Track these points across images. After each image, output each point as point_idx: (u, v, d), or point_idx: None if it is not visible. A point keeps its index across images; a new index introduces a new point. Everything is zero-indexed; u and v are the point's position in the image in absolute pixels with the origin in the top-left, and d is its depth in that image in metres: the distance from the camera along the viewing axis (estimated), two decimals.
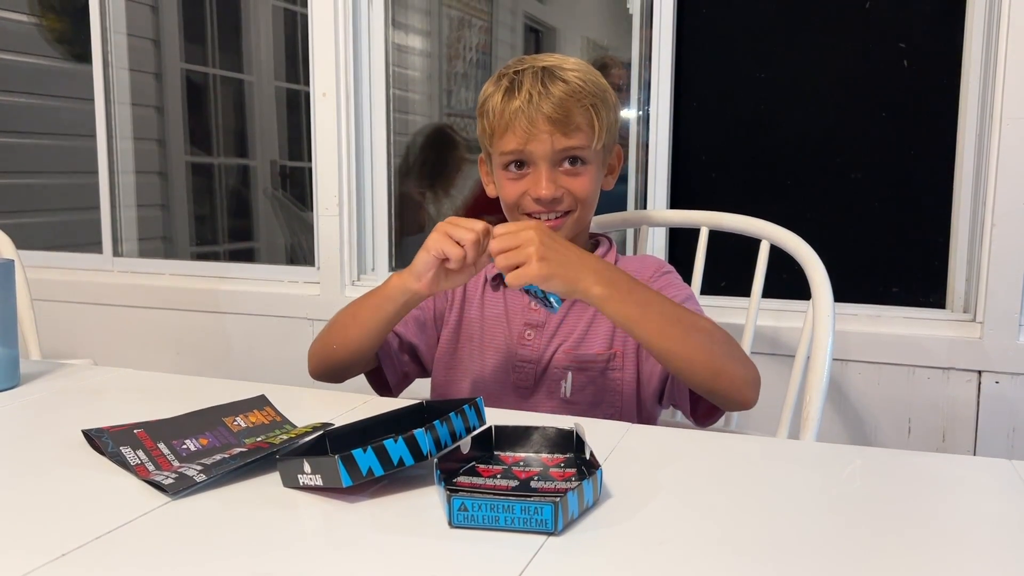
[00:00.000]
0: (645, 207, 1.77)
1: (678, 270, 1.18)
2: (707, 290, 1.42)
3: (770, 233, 1.31)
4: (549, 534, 0.61)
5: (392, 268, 2.00)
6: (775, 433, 1.22)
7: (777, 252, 1.30)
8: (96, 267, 2.24)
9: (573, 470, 0.73)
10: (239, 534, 0.62)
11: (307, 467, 0.68)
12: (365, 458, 0.66)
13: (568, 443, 0.76)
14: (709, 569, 0.57)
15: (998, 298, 1.51)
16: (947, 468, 0.79)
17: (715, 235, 1.38)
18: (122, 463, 0.74)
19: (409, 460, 0.67)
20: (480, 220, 0.96)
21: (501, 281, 1.15)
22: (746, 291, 1.34)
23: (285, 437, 0.79)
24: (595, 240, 1.21)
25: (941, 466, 0.80)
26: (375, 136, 1.97)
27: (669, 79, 1.72)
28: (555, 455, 0.76)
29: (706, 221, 1.39)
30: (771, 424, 1.25)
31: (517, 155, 1.09)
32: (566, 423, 0.78)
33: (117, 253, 2.26)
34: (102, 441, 0.77)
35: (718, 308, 1.63)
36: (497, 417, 0.81)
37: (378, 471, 0.66)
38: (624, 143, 1.77)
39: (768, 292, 1.35)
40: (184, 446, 0.78)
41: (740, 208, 1.38)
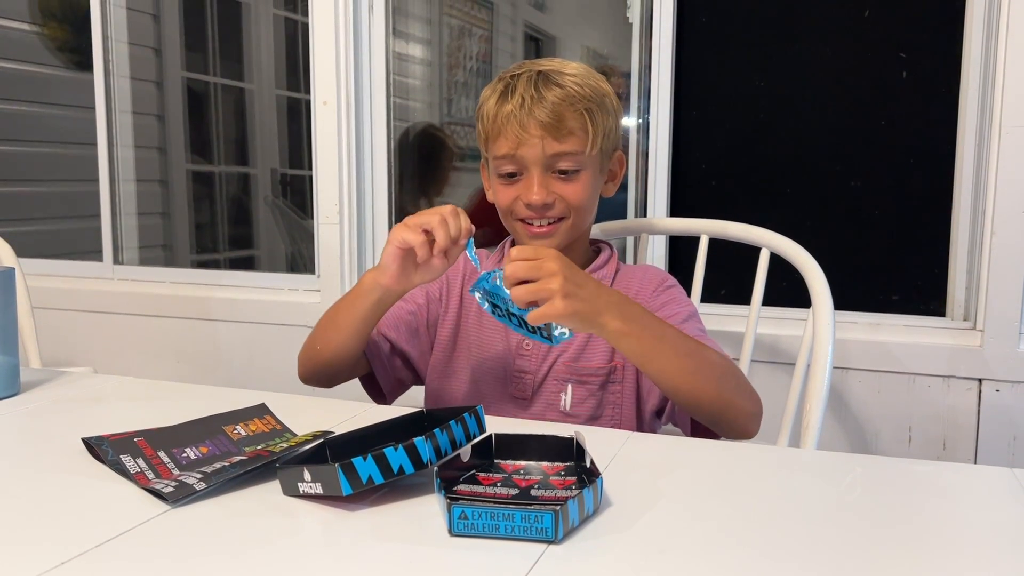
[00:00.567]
0: (645, 215, 1.78)
1: (678, 278, 1.17)
2: (707, 298, 1.42)
3: (770, 241, 1.31)
4: (549, 542, 0.61)
5: None
6: (775, 441, 1.21)
7: (777, 260, 1.30)
8: (96, 275, 2.24)
9: (573, 478, 0.73)
10: (239, 543, 0.62)
11: (307, 475, 0.68)
12: (365, 466, 0.66)
13: (568, 451, 0.76)
14: None
15: (998, 306, 1.51)
16: (948, 476, 0.79)
17: (715, 243, 1.38)
18: (122, 471, 0.74)
19: (409, 468, 0.67)
20: (448, 204, 0.94)
21: None
22: (746, 299, 1.34)
23: (285, 445, 0.79)
24: (596, 247, 1.21)
25: (942, 474, 0.80)
26: (375, 144, 1.97)
27: (669, 87, 1.73)
28: (555, 463, 0.76)
29: (706, 229, 1.39)
30: (771, 432, 1.24)
31: (509, 159, 1.08)
32: (566, 431, 0.78)
33: (117, 261, 2.26)
34: (102, 449, 0.77)
35: (718, 316, 1.63)
36: (497, 425, 0.81)
37: (378, 479, 0.66)
38: (624, 151, 1.77)
39: (768, 300, 1.35)
40: (184, 454, 0.78)
41: (740, 216, 1.38)
